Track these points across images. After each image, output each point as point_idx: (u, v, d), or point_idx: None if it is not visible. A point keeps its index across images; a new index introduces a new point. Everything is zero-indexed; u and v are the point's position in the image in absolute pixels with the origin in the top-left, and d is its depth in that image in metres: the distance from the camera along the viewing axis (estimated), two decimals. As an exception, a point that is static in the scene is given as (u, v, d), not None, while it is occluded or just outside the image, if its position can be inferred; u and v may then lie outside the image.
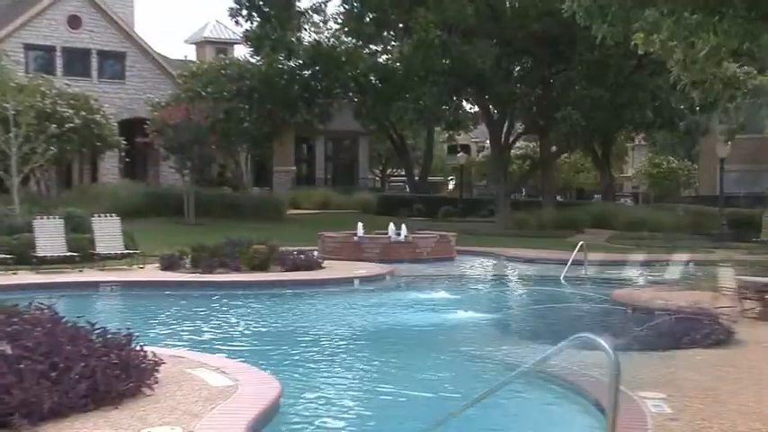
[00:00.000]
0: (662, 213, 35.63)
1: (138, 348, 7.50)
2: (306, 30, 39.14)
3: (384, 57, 40.43)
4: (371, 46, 39.98)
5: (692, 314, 10.95)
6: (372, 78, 38.61)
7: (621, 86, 32.13)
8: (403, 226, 22.57)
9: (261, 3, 35.85)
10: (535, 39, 32.33)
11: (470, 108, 41.71)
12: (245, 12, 36.10)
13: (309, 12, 39.17)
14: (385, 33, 38.40)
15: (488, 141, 45.88)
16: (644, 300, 13.57)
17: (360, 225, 22.61)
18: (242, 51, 47.11)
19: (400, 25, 35.15)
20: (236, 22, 36.74)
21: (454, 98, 35.31)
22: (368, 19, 36.07)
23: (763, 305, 12.23)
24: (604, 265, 20.91)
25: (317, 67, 37.26)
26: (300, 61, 37.35)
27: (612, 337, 9.57)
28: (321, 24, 39.82)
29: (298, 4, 37.76)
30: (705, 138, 42.50)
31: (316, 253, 20.11)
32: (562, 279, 18.35)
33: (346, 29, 37.71)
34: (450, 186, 71.79)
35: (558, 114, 31.69)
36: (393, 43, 39.32)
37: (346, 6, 36.54)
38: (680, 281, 18.30)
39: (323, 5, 39.34)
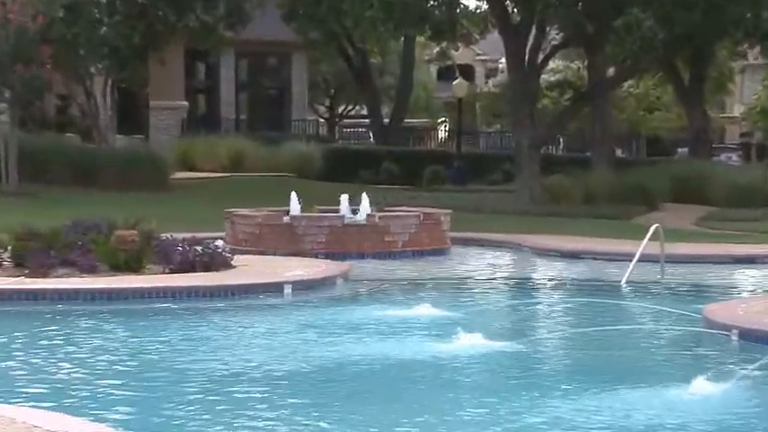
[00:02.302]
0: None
1: None
2: None
3: None
4: None
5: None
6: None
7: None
8: (364, 198, 22.58)
9: None
10: None
11: (475, 5, 41.71)
12: None
13: None
14: None
15: (504, 60, 45.89)
16: (756, 320, 13.62)
17: (293, 197, 22.67)
18: None
19: None
20: None
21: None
22: None
23: None
24: (693, 262, 21.04)
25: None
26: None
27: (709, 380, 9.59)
28: None
29: None
30: None
31: (221, 242, 20.05)
32: (624, 285, 18.50)
33: None
34: (442, 134, 71.99)
35: (618, 21, 31.57)
36: None
37: None
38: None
39: None
